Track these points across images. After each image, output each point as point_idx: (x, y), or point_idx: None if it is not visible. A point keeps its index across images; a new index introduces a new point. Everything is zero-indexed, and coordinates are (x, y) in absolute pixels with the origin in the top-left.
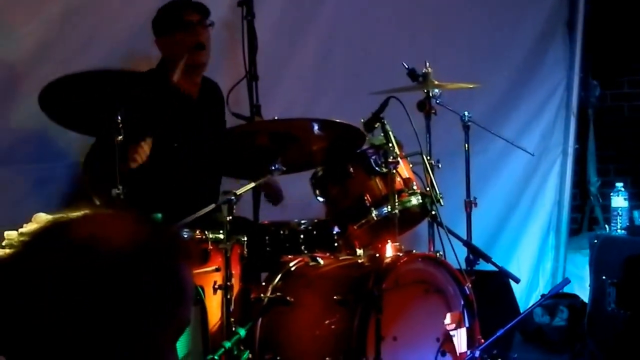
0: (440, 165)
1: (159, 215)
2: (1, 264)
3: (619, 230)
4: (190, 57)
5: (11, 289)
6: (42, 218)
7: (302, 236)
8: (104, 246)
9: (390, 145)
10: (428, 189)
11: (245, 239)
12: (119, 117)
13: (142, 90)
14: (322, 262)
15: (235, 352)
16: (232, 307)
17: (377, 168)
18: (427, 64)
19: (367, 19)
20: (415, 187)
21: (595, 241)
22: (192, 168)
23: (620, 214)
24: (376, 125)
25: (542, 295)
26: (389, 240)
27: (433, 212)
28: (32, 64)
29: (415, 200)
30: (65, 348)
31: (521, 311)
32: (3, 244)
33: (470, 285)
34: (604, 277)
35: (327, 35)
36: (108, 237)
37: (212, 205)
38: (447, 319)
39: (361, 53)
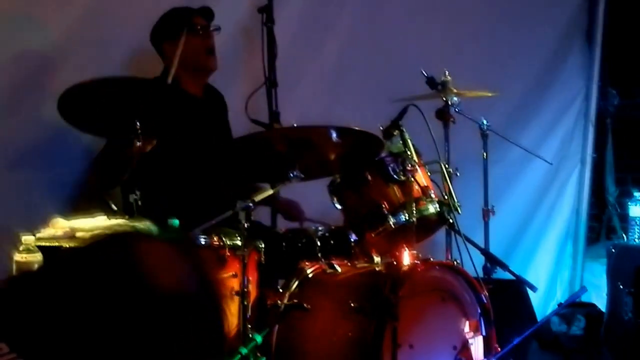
0: (458, 174)
1: (176, 221)
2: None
3: (636, 240)
4: (202, 61)
5: (43, 303)
6: (59, 223)
7: (319, 243)
8: (147, 282)
9: (409, 152)
10: (446, 197)
11: (263, 245)
12: (138, 123)
13: (155, 96)
14: (339, 269)
15: (252, 359)
16: (248, 313)
17: (395, 176)
18: (446, 71)
19: (386, 26)
20: (433, 195)
21: (613, 250)
22: (203, 171)
23: (638, 223)
24: (395, 133)
25: (559, 304)
26: (406, 248)
27: (451, 220)
28: (52, 66)
29: (432, 208)
30: None
31: (538, 320)
32: (20, 248)
33: (487, 294)
34: (621, 286)
35: (346, 42)
36: (152, 272)
37: (230, 212)
38: (464, 327)
39: (380, 60)
